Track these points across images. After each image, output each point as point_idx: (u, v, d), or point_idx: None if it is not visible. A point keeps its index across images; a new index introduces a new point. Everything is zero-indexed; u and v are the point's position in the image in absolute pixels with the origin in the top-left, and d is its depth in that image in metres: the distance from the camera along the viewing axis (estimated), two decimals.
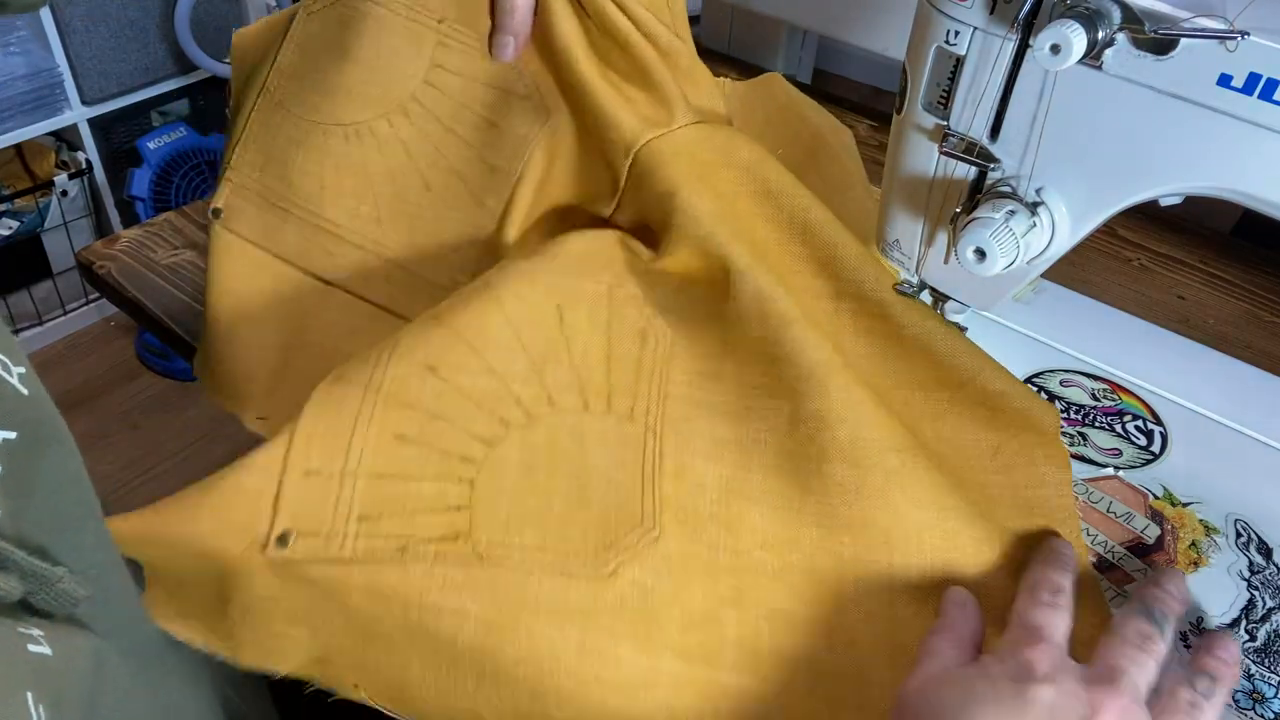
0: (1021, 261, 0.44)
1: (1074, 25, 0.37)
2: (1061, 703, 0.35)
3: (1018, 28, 0.40)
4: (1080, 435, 0.54)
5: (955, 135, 0.45)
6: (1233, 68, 0.35)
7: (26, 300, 1.83)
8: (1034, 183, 0.44)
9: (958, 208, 0.47)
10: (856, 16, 0.83)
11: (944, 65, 0.44)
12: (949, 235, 0.48)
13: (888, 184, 0.51)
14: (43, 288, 1.85)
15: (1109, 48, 0.38)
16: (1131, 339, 0.60)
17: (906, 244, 0.51)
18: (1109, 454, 0.53)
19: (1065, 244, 0.45)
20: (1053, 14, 0.38)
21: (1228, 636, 0.41)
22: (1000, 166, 0.44)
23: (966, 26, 0.42)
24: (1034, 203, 0.44)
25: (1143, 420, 0.55)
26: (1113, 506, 0.50)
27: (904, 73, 0.46)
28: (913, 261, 0.52)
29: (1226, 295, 0.68)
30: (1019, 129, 0.43)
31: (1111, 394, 0.56)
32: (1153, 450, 0.53)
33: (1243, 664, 0.43)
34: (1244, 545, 0.48)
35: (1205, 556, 0.47)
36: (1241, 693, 0.42)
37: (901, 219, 0.50)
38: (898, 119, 0.48)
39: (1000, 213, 0.44)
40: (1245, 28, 0.35)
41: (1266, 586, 0.46)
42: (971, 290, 0.50)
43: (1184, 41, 0.36)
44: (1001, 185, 0.45)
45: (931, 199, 0.48)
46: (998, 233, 0.43)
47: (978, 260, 0.44)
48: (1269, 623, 0.45)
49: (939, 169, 0.47)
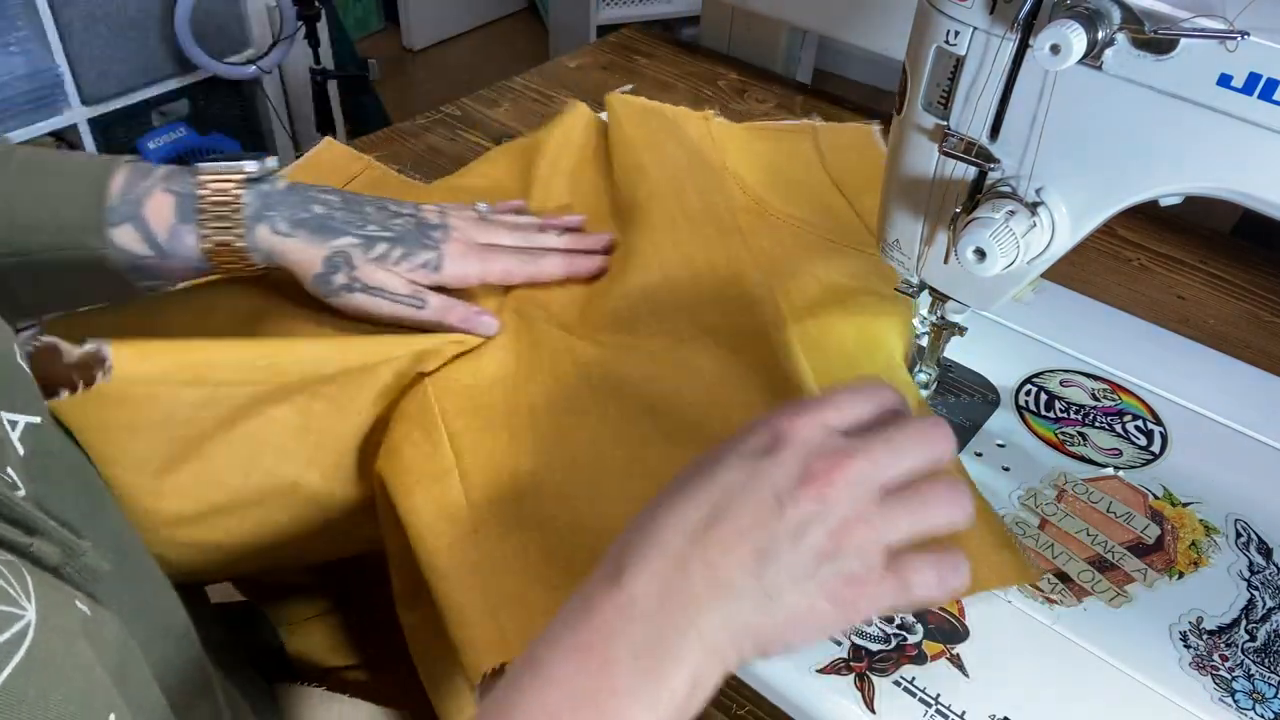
0: (1021, 261, 0.44)
1: (1074, 25, 0.37)
2: (781, 468, 0.36)
3: (1018, 28, 0.40)
4: (1080, 435, 0.54)
5: (955, 135, 0.45)
6: (1233, 68, 0.35)
7: None
8: (1034, 183, 0.44)
9: (958, 208, 0.47)
10: (856, 16, 0.83)
11: (944, 65, 0.44)
12: (949, 235, 0.48)
13: (888, 184, 0.51)
14: None
15: (1109, 48, 0.38)
16: (1131, 339, 0.60)
17: (906, 244, 0.51)
18: (1109, 454, 0.53)
19: (1065, 244, 0.45)
20: (1053, 14, 0.38)
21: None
22: (1000, 166, 0.44)
23: (966, 26, 0.42)
24: (1034, 203, 0.44)
25: (1143, 420, 0.55)
26: (1113, 506, 0.50)
27: (904, 73, 0.46)
28: (913, 261, 0.52)
29: (1226, 295, 0.68)
30: (1019, 129, 0.43)
31: (1111, 394, 0.56)
32: (1153, 450, 0.53)
33: (1243, 663, 0.43)
34: (1244, 545, 0.48)
35: (1205, 556, 0.47)
36: (1242, 693, 0.42)
37: (901, 219, 0.50)
38: (898, 119, 0.48)
39: (1000, 213, 0.44)
40: (1245, 28, 0.35)
41: (1266, 586, 0.46)
42: (971, 290, 0.50)
43: (1184, 41, 0.36)
44: (1001, 185, 0.45)
45: (931, 199, 0.48)
46: (998, 233, 0.43)
47: (978, 260, 0.44)
48: (1269, 623, 0.45)
49: (939, 169, 0.47)
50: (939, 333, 0.55)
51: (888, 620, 0.44)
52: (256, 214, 0.51)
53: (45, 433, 0.36)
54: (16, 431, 0.34)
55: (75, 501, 0.36)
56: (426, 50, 2.88)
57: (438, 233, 0.56)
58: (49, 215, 0.49)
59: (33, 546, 0.30)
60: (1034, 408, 0.55)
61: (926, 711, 0.41)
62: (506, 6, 3.06)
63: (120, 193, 0.49)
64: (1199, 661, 0.43)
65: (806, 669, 0.43)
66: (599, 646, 0.34)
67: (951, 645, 0.44)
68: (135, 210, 0.49)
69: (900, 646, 0.44)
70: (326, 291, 0.53)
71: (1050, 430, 0.54)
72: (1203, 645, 0.44)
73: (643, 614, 0.35)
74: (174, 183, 0.51)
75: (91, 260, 0.49)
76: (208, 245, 0.51)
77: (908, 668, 0.43)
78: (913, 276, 0.52)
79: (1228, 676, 0.42)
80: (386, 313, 0.54)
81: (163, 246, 0.50)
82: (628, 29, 1.02)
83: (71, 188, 0.49)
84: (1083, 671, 0.43)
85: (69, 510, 0.35)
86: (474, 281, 0.57)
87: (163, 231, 0.50)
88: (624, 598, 0.35)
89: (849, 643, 0.44)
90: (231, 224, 0.51)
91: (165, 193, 0.50)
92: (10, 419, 0.34)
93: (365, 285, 0.53)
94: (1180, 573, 0.47)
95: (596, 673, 0.34)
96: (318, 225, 0.52)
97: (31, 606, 0.28)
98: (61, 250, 0.49)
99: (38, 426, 0.35)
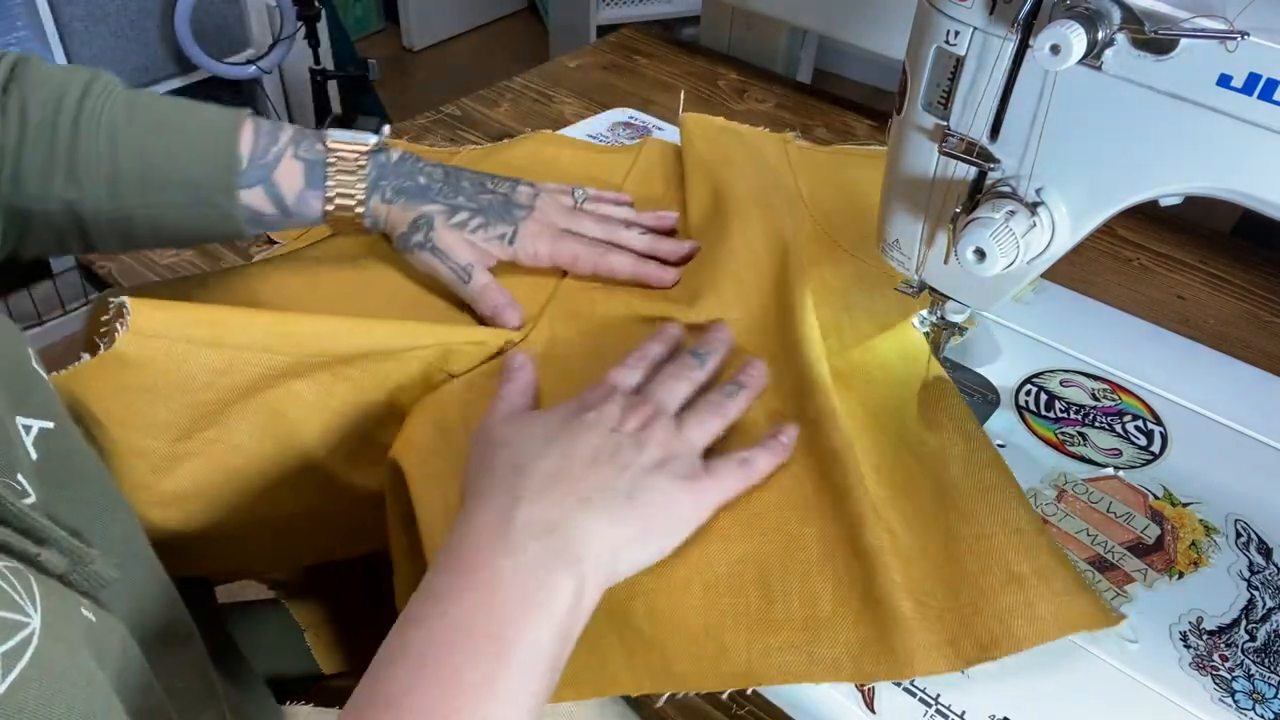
0: (1021, 261, 0.44)
1: (1074, 25, 0.37)
2: (598, 416, 0.45)
3: (1018, 28, 0.40)
4: (1080, 435, 0.54)
5: (955, 135, 0.45)
6: (1233, 68, 0.35)
7: (26, 300, 1.83)
8: (1034, 183, 0.44)
9: (958, 208, 0.47)
10: (856, 16, 0.83)
11: (944, 65, 0.44)
12: (949, 235, 0.48)
13: (888, 184, 0.51)
14: (43, 288, 1.85)
15: (1109, 48, 0.38)
16: (1131, 339, 0.60)
17: (906, 244, 0.51)
18: (1109, 454, 0.53)
19: (1065, 244, 0.45)
20: (1053, 14, 0.38)
21: (757, 360, 0.52)
22: (1000, 166, 0.44)
23: (966, 26, 0.42)
24: (1034, 203, 0.44)
25: (1143, 420, 0.55)
26: (1113, 506, 0.50)
27: (904, 73, 0.46)
28: (913, 262, 0.52)
29: (1226, 295, 0.68)
30: (1019, 129, 0.43)
31: (1111, 394, 0.56)
32: (1153, 450, 0.53)
33: (1243, 664, 0.43)
34: (1244, 545, 0.48)
35: (1205, 556, 0.47)
36: (1242, 693, 0.42)
37: (901, 219, 0.50)
38: (898, 119, 0.48)
39: (1000, 213, 0.44)
40: (1245, 28, 0.35)
41: (1266, 586, 0.46)
42: (971, 290, 0.50)
43: (1184, 41, 0.36)
44: (1001, 185, 0.45)
45: (931, 199, 0.48)
46: (998, 233, 0.43)
47: (978, 260, 0.44)
48: (1269, 623, 0.45)
49: (939, 169, 0.47)
50: (939, 333, 0.55)
51: None
52: (373, 183, 0.56)
53: (58, 438, 0.36)
54: (30, 436, 0.34)
55: (84, 507, 0.36)
56: (426, 50, 2.88)
57: (521, 211, 0.60)
58: (180, 173, 0.52)
59: (40, 556, 0.30)
60: (1034, 408, 0.55)
61: (926, 711, 0.41)
62: (506, 6, 3.06)
63: (251, 156, 0.53)
64: (1199, 661, 0.43)
65: None
66: (486, 566, 0.38)
67: None
68: (266, 174, 0.53)
69: None
70: (404, 248, 0.58)
71: (1050, 430, 0.54)
72: (1203, 645, 0.44)
73: (524, 533, 0.39)
74: (303, 149, 0.55)
75: (218, 215, 0.53)
76: (330, 208, 0.56)
77: None
78: (913, 276, 0.52)
79: (1228, 676, 0.42)
80: (444, 276, 0.58)
81: (289, 208, 0.54)
82: (628, 29, 1.02)
83: (201, 146, 0.52)
84: (1083, 672, 0.43)
85: (78, 516, 0.35)
86: (545, 262, 0.60)
87: (291, 195, 0.54)
88: (505, 524, 0.40)
89: None
90: (353, 192, 0.56)
91: (295, 159, 0.54)
92: (25, 423, 0.34)
93: (434, 246, 0.57)
94: (1180, 573, 0.47)
95: (487, 592, 0.38)
96: (417, 192, 0.57)
97: (36, 614, 0.28)
98: (191, 206, 0.52)
99: (51, 431, 0.35)
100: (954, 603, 0.43)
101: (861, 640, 0.41)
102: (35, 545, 0.31)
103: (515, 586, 0.38)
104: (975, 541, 0.45)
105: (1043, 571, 0.43)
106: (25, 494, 0.32)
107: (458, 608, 0.37)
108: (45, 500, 0.33)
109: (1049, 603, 0.42)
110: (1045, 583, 0.43)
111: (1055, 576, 0.43)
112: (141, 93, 0.53)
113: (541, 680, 0.37)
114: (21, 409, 0.34)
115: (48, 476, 0.34)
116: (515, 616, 0.37)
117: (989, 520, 0.45)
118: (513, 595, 0.38)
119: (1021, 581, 0.43)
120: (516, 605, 0.37)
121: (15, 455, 0.33)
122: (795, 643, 0.42)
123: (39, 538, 0.31)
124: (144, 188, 0.51)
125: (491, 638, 0.36)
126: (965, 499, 0.47)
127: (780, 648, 0.42)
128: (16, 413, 0.34)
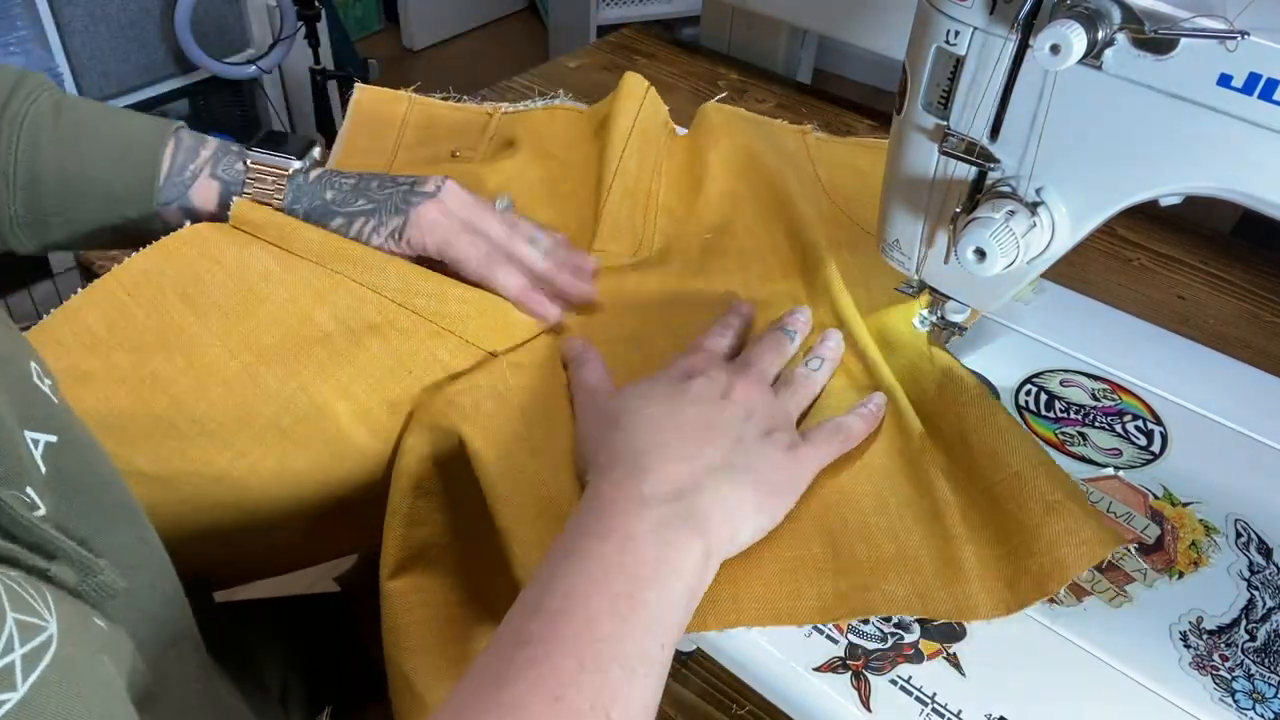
0: (1021, 261, 0.44)
1: (1074, 25, 0.37)
2: (707, 384, 0.48)
3: (1018, 28, 0.40)
4: (1080, 435, 0.54)
5: (955, 135, 0.45)
6: (1233, 68, 0.35)
7: (26, 300, 1.83)
8: (1034, 183, 0.44)
9: (958, 208, 0.47)
10: (856, 16, 0.83)
11: (944, 65, 0.44)
12: (949, 235, 0.48)
13: (888, 184, 0.51)
14: (43, 288, 1.85)
15: (1109, 48, 0.38)
16: (1131, 339, 0.60)
17: (906, 244, 0.51)
18: (1109, 454, 0.53)
19: (1065, 244, 0.45)
20: (1053, 14, 0.38)
21: (834, 332, 0.56)
22: (1000, 166, 0.44)
23: (966, 26, 0.42)
24: (1034, 203, 0.44)
25: (1143, 420, 0.55)
26: (1113, 506, 0.50)
27: (904, 73, 0.46)
28: (913, 261, 0.52)
29: (1226, 295, 0.68)
30: (1019, 129, 0.43)
31: (1111, 394, 0.56)
32: (1153, 450, 0.53)
33: (1243, 663, 0.43)
34: (1244, 545, 0.48)
35: (1205, 556, 0.47)
36: (1242, 693, 0.42)
37: (901, 219, 0.50)
38: (898, 119, 0.48)
39: (1000, 213, 0.44)
40: (1245, 28, 0.35)
41: (1266, 586, 0.46)
42: (971, 290, 0.50)
43: (1184, 41, 0.36)
44: (1001, 185, 0.45)
45: (931, 199, 0.48)
46: (998, 233, 0.43)
47: (978, 260, 0.44)
48: (1269, 623, 0.45)
49: (939, 169, 0.47)
50: (939, 333, 0.55)
51: (885, 619, 0.44)
52: (288, 206, 0.55)
53: (63, 451, 0.36)
54: (39, 450, 0.34)
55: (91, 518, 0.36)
56: (426, 50, 2.88)
57: (418, 199, 0.55)
58: (99, 185, 0.52)
59: (51, 571, 0.30)
60: (1034, 408, 0.55)
61: (923, 710, 0.41)
62: (506, 6, 3.06)
63: (169, 173, 0.53)
64: (1199, 661, 0.43)
65: (804, 667, 0.43)
66: (620, 530, 0.41)
67: (948, 644, 0.44)
68: (183, 192, 0.53)
69: (897, 645, 0.44)
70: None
71: (1050, 430, 0.54)
72: (1203, 645, 0.44)
73: (653, 500, 0.42)
74: (221, 167, 0.54)
75: (133, 228, 0.53)
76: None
77: (904, 666, 0.43)
78: (913, 276, 0.52)
79: (1228, 676, 0.42)
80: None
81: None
82: (628, 29, 1.02)
83: (122, 158, 0.52)
84: (1082, 671, 0.43)
85: (86, 527, 0.35)
86: (431, 252, 0.55)
87: (205, 215, 0.54)
88: (635, 492, 0.42)
89: (845, 641, 0.44)
90: None
91: (212, 178, 0.54)
92: (33, 437, 0.34)
93: None
94: (1180, 573, 0.47)
95: (621, 554, 0.40)
96: (322, 211, 0.55)
97: (53, 620, 0.28)
98: (108, 217, 0.53)
99: (55, 445, 0.35)
100: (1007, 547, 0.45)
101: (926, 585, 0.44)
102: (45, 560, 0.31)
103: (648, 548, 0.40)
104: (1009, 482, 0.47)
105: (1074, 494, 0.46)
106: (35, 506, 0.32)
107: (594, 563, 0.39)
108: (55, 512, 0.33)
109: (1086, 524, 0.44)
110: (1079, 504, 0.45)
111: (1082, 498, 0.46)
112: (70, 97, 0.53)
113: (665, 637, 0.39)
114: (30, 423, 0.34)
115: (55, 488, 0.34)
116: (648, 577, 0.39)
117: (1014, 459, 0.47)
118: (645, 557, 0.40)
119: (1059, 508, 0.45)
120: (649, 566, 0.39)
121: (25, 468, 0.33)
122: (867, 584, 0.44)
123: (49, 552, 0.31)
124: (62, 195, 0.51)
125: (624, 596, 0.38)
126: (987, 444, 0.49)
127: (851, 590, 0.44)
128: (24, 427, 0.34)
